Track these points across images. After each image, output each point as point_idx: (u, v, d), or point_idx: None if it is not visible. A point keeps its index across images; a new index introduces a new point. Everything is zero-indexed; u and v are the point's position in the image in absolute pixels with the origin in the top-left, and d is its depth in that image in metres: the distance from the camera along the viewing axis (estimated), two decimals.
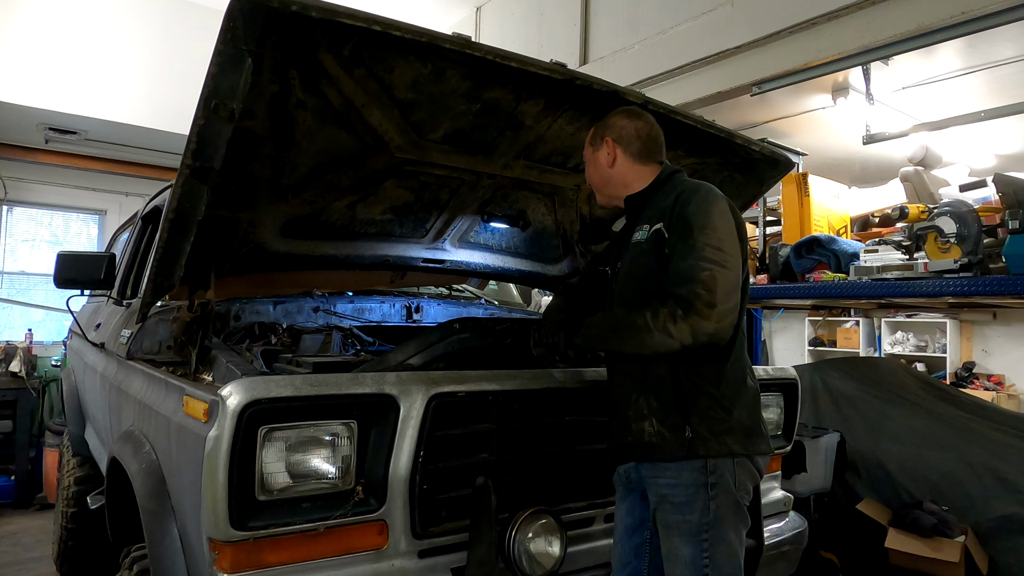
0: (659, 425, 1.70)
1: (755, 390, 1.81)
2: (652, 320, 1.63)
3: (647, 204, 1.86)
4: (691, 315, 1.60)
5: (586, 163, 1.98)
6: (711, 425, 1.69)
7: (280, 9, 1.42)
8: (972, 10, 3.24)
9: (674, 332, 1.61)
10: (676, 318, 1.61)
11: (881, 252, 3.82)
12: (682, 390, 1.70)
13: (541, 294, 4.92)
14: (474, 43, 1.71)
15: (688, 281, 1.63)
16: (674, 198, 1.75)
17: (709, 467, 1.67)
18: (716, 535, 1.68)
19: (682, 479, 1.68)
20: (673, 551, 1.71)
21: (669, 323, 1.61)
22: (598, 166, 1.93)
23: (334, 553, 1.60)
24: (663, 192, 1.83)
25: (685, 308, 1.61)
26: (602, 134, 1.92)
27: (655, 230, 1.75)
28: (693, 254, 1.65)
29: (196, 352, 2.03)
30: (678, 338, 1.61)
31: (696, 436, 1.67)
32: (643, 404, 1.73)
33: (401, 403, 1.65)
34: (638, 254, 1.80)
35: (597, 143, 1.93)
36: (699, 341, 1.62)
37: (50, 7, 5.49)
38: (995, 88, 4.75)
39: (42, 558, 4.53)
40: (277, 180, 2.08)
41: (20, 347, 6.30)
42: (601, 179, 1.94)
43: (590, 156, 1.96)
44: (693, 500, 1.68)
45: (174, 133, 5.79)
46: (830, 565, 3.49)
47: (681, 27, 4.62)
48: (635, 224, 1.86)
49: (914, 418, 3.92)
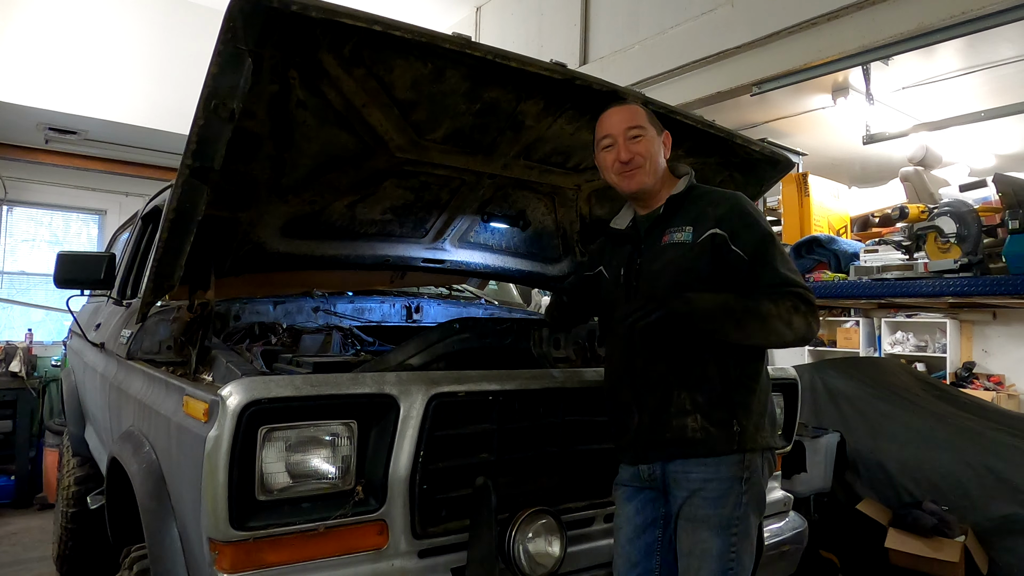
0: (704, 420, 1.71)
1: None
2: (776, 308, 1.65)
3: (682, 206, 1.85)
4: (811, 311, 1.69)
5: (644, 138, 1.85)
6: (753, 420, 1.74)
7: (280, 9, 1.42)
8: (972, 10, 3.25)
9: (796, 323, 1.66)
10: (799, 311, 1.66)
11: (881, 252, 3.82)
12: (731, 385, 1.73)
13: (541, 294, 4.92)
14: (474, 43, 1.71)
15: (797, 284, 1.71)
16: (729, 207, 1.78)
17: (746, 462, 1.71)
18: (744, 528, 1.70)
19: (720, 473, 1.70)
20: (700, 544, 1.70)
21: (793, 315, 1.66)
22: (656, 148, 1.87)
23: (334, 553, 1.60)
24: (697, 196, 1.86)
25: (807, 304, 1.68)
26: (659, 126, 1.90)
27: (711, 233, 1.74)
28: (786, 262, 1.74)
29: (196, 352, 2.02)
30: (796, 330, 1.66)
31: (743, 430, 1.71)
32: (686, 399, 1.72)
33: (401, 403, 1.65)
34: (683, 253, 1.77)
35: (657, 127, 1.89)
36: (809, 337, 1.70)
37: (50, 7, 5.49)
38: (995, 88, 4.76)
39: (42, 558, 4.52)
40: (277, 180, 2.08)
41: (20, 347, 6.30)
42: (654, 163, 1.86)
43: (653, 136, 1.87)
44: (727, 494, 1.69)
45: (174, 133, 5.79)
46: (830, 565, 3.49)
47: (681, 27, 4.63)
48: (667, 224, 1.84)
49: (914, 418, 3.92)
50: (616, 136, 1.85)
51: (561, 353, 2.29)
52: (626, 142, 1.84)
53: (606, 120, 1.89)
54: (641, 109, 1.90)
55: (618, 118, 1.86)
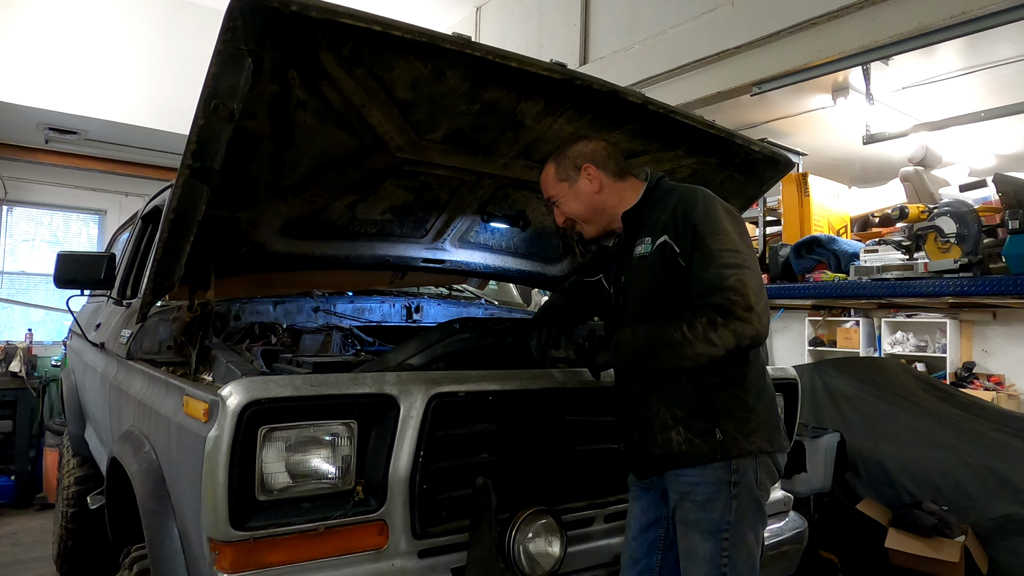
0: (687, 432, 1.70)
1: (772, 388, 1.83)
2: (689, 332, 1.61)
3: (643, 216, 1.82)
4: (731, 320, 1.59)
5: (561, 202, 1.87)
6: (739, 425, 1.70)
7: (280, 9, 1.42)
8: (972, 10, 3.25)
9: (716, 340, 1.59)
10: (716, 325, 1.59)
11: (881, 252, 3.82)
12: (706, 394, 1.70)
13: (541, 294, 4.91)
14: (474, 43, 1.71)
15: (718, 290, 1.62)
16: (672, 208, 1.73)
17: (733, 466, 1.68)
18: (736, 534, 1.69)
19: (706, 477, 1.69)
20: (692, 548, 1.71)
21: (710, 332, 1.60)
22: (583, 197, 1.85)
23: (334, 553, 1.60)
24: (655, 201, 1.81)
25: (724, 315, 1.60)
26: (575, 163, 1.85)
27: (660, 243, 1.72)
28: (714, 262, 1.64)
29: (196, 352, 2.03)
30: (721, 345, 1.60)
31: (727, 437, 1.68)
32: (666, 414, 1.72)
33: (401, 403, 1.65)
34: (643, 269, 1.76)
35: (571, 175, 1.85)
36: (743, 344, 1.61)
37: (50, 7, 5.49)
38: (995, 88, 4.76)
39: (42, 558, 4.52)
40: (277, 180, 2.08)
41: (20, 347, 6.30)
42: (591, 209, 1.85)
43: (566, 192, 1.86)
44: (715, 498, 1.68)
45: (174, 133, 5.79)
46: (830, 565, 3.49)
47: (681, 27, 4.63)
48: (635, 238, 1.81)
49: (914, 418, 3.92)
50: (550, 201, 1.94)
51: (561, 353, 2.28)
52: (555, 209, 1.93)
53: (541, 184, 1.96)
54: (551, 169, 1.90)
55: (542, 187, 1.94)
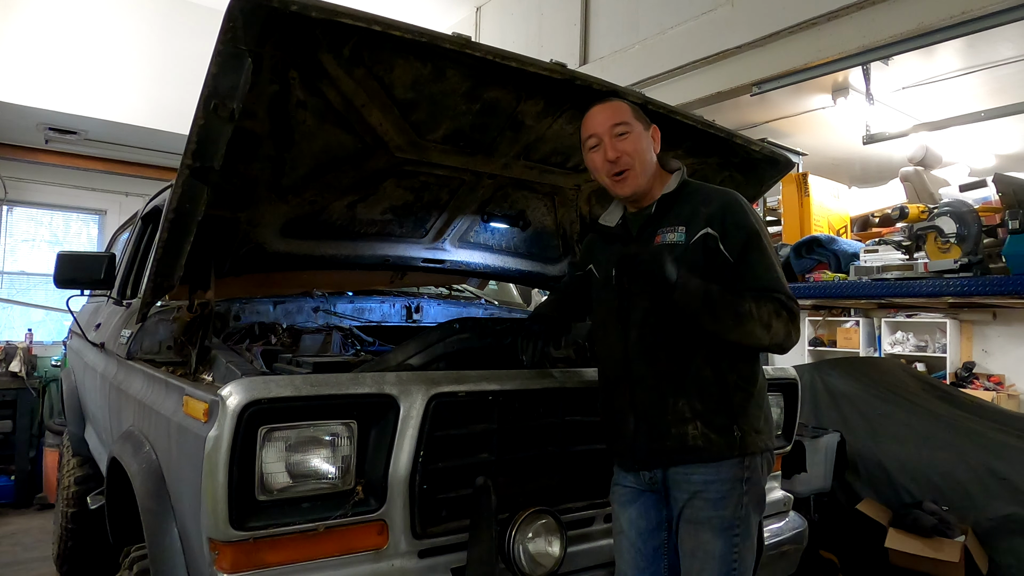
0: (704, 427, 1.69)
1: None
2: (756, 310, 1.63)
3: (675, 204, 1.79)
4: (789, 320, 1.66)
5: (631, 135, 1.78)
6: (753, 423, 1.73)
7: (280, 9, 1.42)
8: (972, 10, 3.25)
9: (773, 329, 1.64)
10: (780, 317, 1.64)
11: (881, 252, 3.82)
12: (727, 390, 1.71)
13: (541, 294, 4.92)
14: (474, 43, 1.71)
15: (779, 291, 1.68)
16: (719, 205, 1.74)
17: (746, 463, 1.70)
18: (745, 529, 1.70)
19: (721, 475, 1.69)
20: (702, 546, 1.69)
21: (773, 319, 1.64)
22: (644, 144, 1.79)
23: (334, 553, 1.60)
24: (688, 194, 1.80)
25: (788, 312, 1.66)
26: (645, 120, 1.84)
27: (703, 234, 1.71)
28: (773, 268, 1.71)
29: (196, 352, 2.03)
30: (773, 336, 1.64)
31: (744, 435, 1.70)
32: (685, 407, 1.70)
33: (401, 403, 1.65)
34: (677, 255, 1.71)
35: (644, 122, 1.82)
36: (784, 345, 1.67)
37: (50, 7, 5.49)
38: (995, 88, 4.76)
39: (42, 558, 4.52)
40: (277, 180, 2.08)
41: (20, 347, 6.29)
42: (644, 161, 1.79)
43: (640, 132, 1.80)
44: (729, 496, 1.68)
45: (174, 133, 5.79)
46: (830, 565, 3.49)
47: (681, 27, 4.63)
48: (659, 223, 1.79)
49: (914, 418, 3.92)
50: (602, 135, 1.78)
51: (561, 353, 2.28)
52: (612, 140, 1.77)
53: (590, 119, 1.82)
54: (625, 104, 1.83)
55: (602, 116, 1.80)
